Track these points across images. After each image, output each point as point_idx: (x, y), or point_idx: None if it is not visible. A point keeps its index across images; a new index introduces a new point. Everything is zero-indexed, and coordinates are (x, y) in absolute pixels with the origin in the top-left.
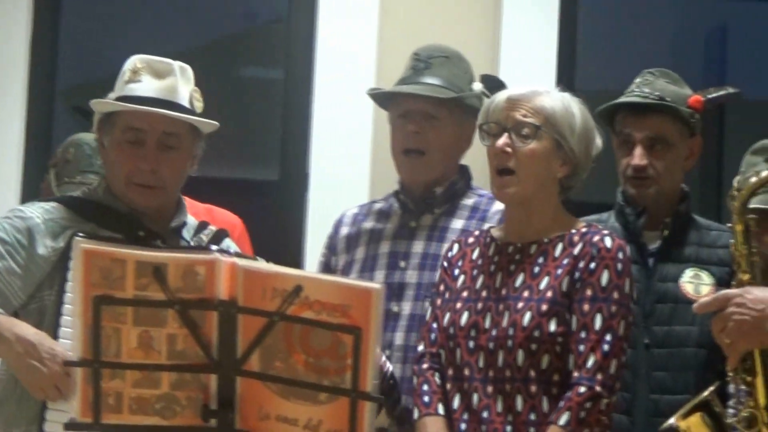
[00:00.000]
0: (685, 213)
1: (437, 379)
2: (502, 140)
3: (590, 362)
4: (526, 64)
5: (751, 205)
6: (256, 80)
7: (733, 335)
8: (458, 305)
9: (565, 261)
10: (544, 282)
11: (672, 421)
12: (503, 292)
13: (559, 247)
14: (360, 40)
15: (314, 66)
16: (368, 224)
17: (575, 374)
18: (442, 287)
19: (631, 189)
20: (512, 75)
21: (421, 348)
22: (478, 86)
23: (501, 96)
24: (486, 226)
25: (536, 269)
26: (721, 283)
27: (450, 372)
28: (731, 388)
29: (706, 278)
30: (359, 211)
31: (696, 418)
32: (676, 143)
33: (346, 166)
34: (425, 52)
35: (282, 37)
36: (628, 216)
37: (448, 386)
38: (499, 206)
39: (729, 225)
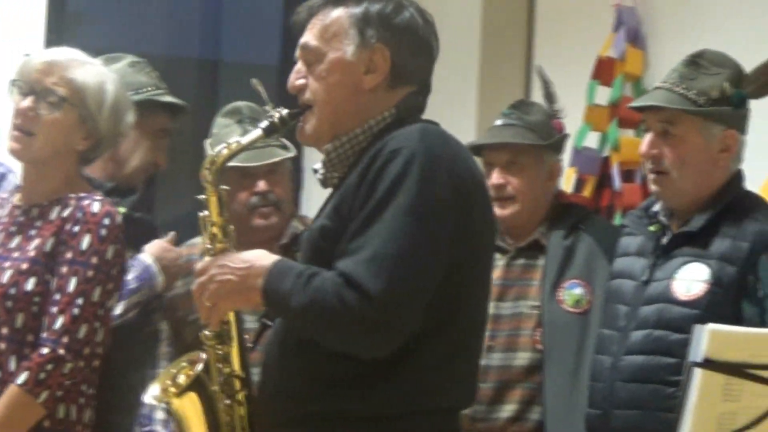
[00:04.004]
0: None
1: None
2: (26, 103)
3: (57, 324)
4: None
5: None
6: None
7: (214, 297)
8: None
9: (57, 223)
10: (35, 243)
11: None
12: (0, 251)
13: (56, 210)
14: None
15: None
16: None
17: (42, 335)
18: None
19: None
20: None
21: None
22: None
23: (38, 57)
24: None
25: (32, 231)
26: None
27: None
28: None
29: None
30: None
31: (191, 396)
32: None
33: None
34: None
35: None
36: None
37: None
38: None
39: (201, 197)
